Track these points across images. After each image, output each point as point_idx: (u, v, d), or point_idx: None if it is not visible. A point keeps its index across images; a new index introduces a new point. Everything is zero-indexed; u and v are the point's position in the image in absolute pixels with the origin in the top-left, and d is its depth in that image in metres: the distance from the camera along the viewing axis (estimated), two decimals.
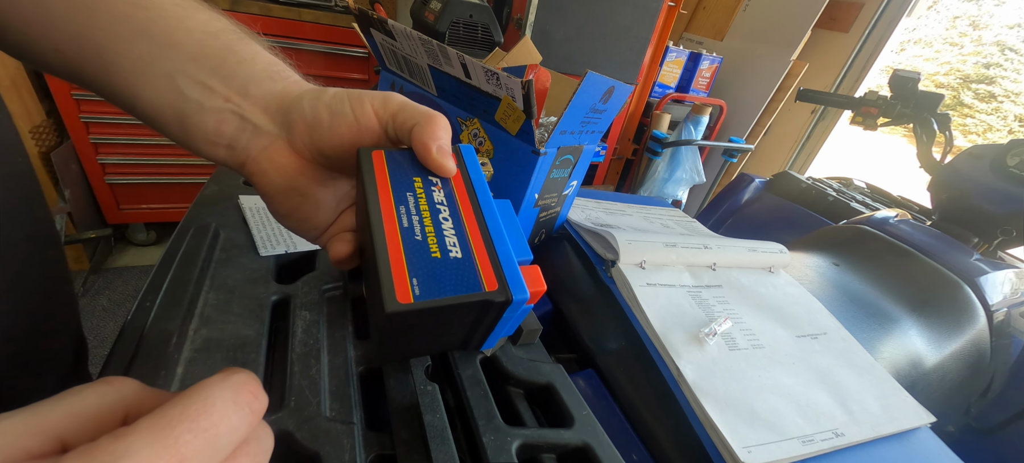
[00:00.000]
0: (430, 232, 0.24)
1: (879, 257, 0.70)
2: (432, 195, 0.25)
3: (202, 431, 0.13)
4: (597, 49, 1.68)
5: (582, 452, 0.30)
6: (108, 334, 1.33)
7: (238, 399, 0.14)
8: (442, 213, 0.25)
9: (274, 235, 0.42)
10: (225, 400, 0.13)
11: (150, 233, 1.68)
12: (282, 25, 1.40)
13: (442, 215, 0.25)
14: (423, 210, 0.25)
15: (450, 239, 0.24)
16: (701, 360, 0.37)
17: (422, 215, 0.24)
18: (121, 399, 0.14)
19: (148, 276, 0.35)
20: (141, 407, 0.15)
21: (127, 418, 0.14)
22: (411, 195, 0.25)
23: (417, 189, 0.25)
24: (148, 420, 0.12)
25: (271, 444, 0.16)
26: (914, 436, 0.39)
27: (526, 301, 0.23)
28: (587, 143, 0.48)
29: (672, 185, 2.02)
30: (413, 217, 0.24)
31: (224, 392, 0.14)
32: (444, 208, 0.25)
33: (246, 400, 0.14)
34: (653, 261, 0.46)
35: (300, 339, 0.32)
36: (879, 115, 0.96)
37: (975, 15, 7.96)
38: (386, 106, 0.26)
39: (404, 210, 0.24)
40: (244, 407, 0.14)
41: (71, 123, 1.32)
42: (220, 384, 0.14)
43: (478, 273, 0.23)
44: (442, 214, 0.25)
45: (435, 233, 0.24)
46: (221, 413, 0.13)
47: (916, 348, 0.57)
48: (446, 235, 0.24)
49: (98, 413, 0.14)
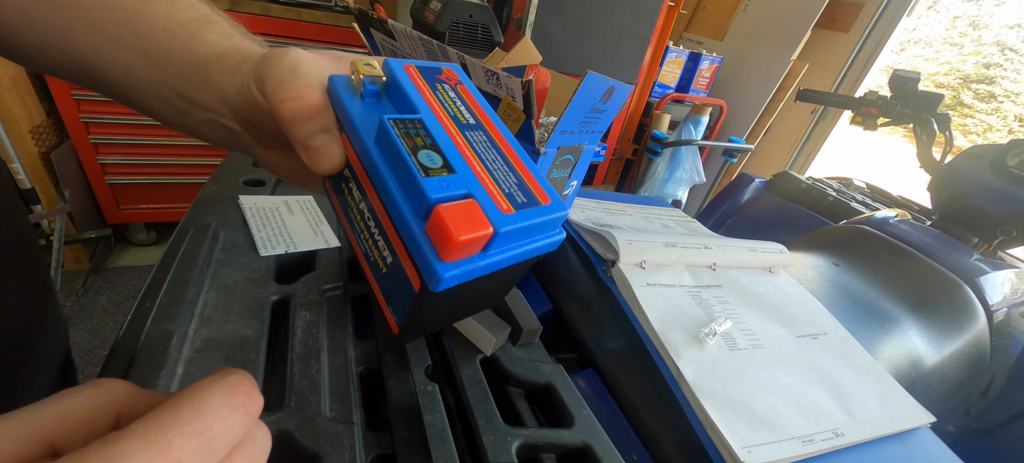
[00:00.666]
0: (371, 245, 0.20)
1: (879, 257, 0.70)
2: (354, 195, 0.21)
3: (196, 434, 0.12)
4: (597, 49, 1.68)
5: (582, 452, 0.30)
6: (108, 334, 1.33)
7: (232, 401, 0.13)
8: (364, 213, 0.20)
9: (274, 235, 0.42)
10: (219, 402, 0.13)
11: (150, 233, 1.68)
12: (282, 25, 1.40)
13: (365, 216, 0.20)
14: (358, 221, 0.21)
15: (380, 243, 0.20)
16: (701, 360, 0.37)
17: (361, 229, 0.21)
18: (112, 401, 0.14)
19: (148, 276, 0.35)
20: (133, 410, 0.14)
21: (119, 421, 0.14)
22: (350, 209, 0.21)
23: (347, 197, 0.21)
24: (140, 424, 0.12)
25: (268, 444, 0.16)
26: (914, 436, 0.39)
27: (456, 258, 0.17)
28: (587, 143, 0.48)
29: (672, 185, 2.02)
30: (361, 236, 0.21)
31: (218, 394, 0.13)
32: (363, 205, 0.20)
33: (240, 401, 0.14)
34: (653, 261, 0.46)
35: (300, 339, 0.32)
36: (879, 115, 0.96)
37: (975, 15, 7.96)
38: (259, 82, 0.21)
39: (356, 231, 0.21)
40: (239, 409, 0.14)
41: (71, 123, 1.32)
42: (214, 386, 0.13)
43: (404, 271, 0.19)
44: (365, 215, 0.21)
45: (373, 244, 0.20)
46: (215, 415, 0.13)
47: (916, 348, 0.57)
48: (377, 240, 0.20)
49: (89, 416, 0.14)
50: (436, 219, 0.16)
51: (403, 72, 0.21)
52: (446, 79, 0.22)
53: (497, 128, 0.22)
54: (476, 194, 0.18)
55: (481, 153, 0.20)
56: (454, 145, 0.19)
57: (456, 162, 0.18)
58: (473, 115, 0.21)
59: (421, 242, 0.17)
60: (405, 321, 0.20)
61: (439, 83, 0.22)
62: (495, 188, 0.19)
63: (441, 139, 0.19)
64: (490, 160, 0.20)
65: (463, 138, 0.20)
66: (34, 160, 1.27)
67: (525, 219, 0.18)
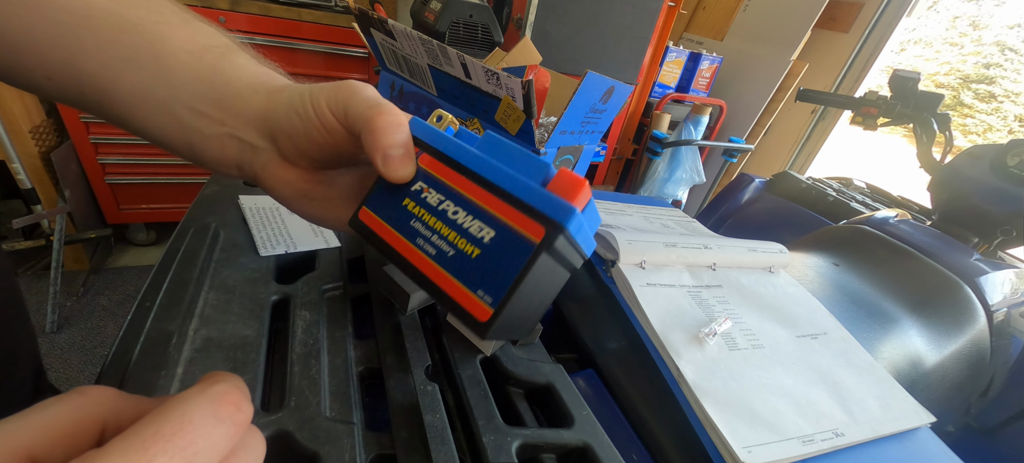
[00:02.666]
0: (454, 237, 0.22)
1: (879, 257, 0.70)
2: (427, 202, 0.24)
3: (179, 451, 0.12)
4: (597, 49, 1.68)
5: (582, 452, 0.30)
6: (108, 334, 1.33)
7: (218, 412, 0.13)
8: (448, 210, 0.23)
9: (274, 235, 0.42)
10: (204, 414, 0.13)
11: (150, 233, 1.68)
12: (282, 25, 1.40)
13: (450, 212, 0.23)
14: (432, 224, 0.23)
15: (473, 227, 0.22)
16: (701, 360, 0.37)
17: (436, 229, 0.23)
18: (97, 410, 0.14)
19: (148, 276, 0.35)
20: (119, 418, 0.14)
21: (104, 431, 0.14)
22: (413, 220, 0.24)
23: (412, 209, 0.24)
24: (120, 441, 0.11)
25: (262, 451, 0.15)
26: (914, 436, 0.39)
27: (579, 209, 0.20)
28: (587, 143, 0.48)
29: (672, 185, 2.02)
30: (432, 238, 0.23)
31: (203, 405, 0.13)
32: (446, 204, 0.23)
33: (227, 412, 0.13)
34: (653, 261, 0.46)
35: (300, 339, 0.32)
36: (879, 115, 0.96)
37: (975, 15, 7.96)
38: (337, 102, 0.24)
39: (420, 240, 0.23)
40: (225, 420, 0.13)
41: (71, 123, 1.32)
42: (198, 397, 0.13)
43: (519, 232, 0.21)
44: (449, 211, 0.23)
45: (459, 234, 0.22)
46: (199, 429, 0.12)
47: (916, 348, 0.57)
48: (467, 226, 0.22)
49: (73, 427, 0.13)
50: (562, 177, 0.20)
51: (463, 127, 0.26)
52: None
53: None
54: None
55: None
56: None
57: None
58: None
59: (550, 196, 0.20)
60: (507, 292, 0.20)
61: None
62: None
63: None
64: None
65: None
66: (34, 160, 1.27)
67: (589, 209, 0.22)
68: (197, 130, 0.25)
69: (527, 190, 0.21)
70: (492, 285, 0.20)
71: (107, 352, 0.29)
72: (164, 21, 0.25)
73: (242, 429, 0.14)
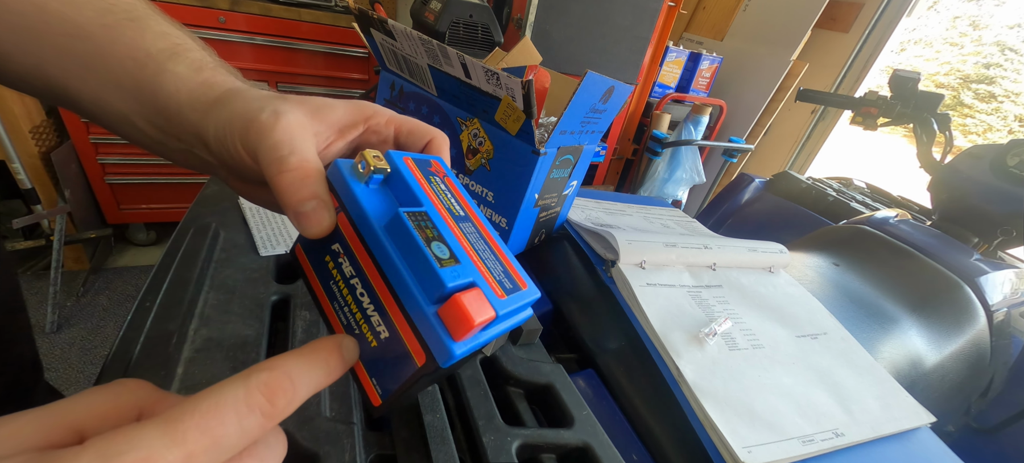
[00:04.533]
0: (360, 319, 0.21)
1: (879, 257, 0.70)
2: (343, 269, 0.22)
3: (209, 430, 0.13)
4: (597, 49, 1.68)
5: (582, 452, 0.30)
6: (108, 334, 1.33)
7: (251, 400, 0.14)
8: (356, 288, 0.21)
9: (274, 235, 0.42)
10: (238, 401, 0.14)
11: (150, 233, 1.68)
12: (282, 25, 1.40)
13: (358, 292, 0.21)
14: (345, 294, 0.22)
15: (374, 319, 0.21)
16: (701, 360, 0.37)
17: (347, 302, 0.21)
18: (135, 399, 0.15)
19: (148, 276, 0.35)
20: (154, 408, 0.16)
21: (141, 417, 0.15)
22: (331, 281, 0.22)
23: (330, 269, 0.22)
24: (160, 416, 0.13)
25: (282, 451, 0.16)
26: (914, 436, 0.39)
27: (457, 350, 0.19)
28: (587, 143, 0.48)
29: (672, 185, 2.02)
30: (343, 308, 0.22)
31: (238, 392, 0.14)
32: (356, 280, 0.21)
33: (259, 403, 0.14)
34: (653, 261, 0.46)
35: (300, 339, 0.32)
36: (879, 115, 0.96)
37: (975, 15, 7.96)
38: (247, 145, 0.21)
39: (336, 304, 0.22)
40: (255, 410, 0.14)
41: (71, 123, 1.32)
42: (238, 385, 0.14)
43: (405, 347, 0.20)
44: (358, 290, 0.21)
45: (363, 319, 0.21)
46: (232, 415, 0.14)
47: (916, 348, 0.57)
48: (370, 315, 0.21)
49: (115, 410, 0.15)
50: (454, 306, 0.18)
51: (404, 165, 0.23)
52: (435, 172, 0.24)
53: (478, 218, 0.24)
54: (478, 283, 0.20)
55: (474, 244, 0.22)
56: (454, 237, 0.21)
57: (459, 254, 0.20)
58: (461, 208, 0.24)
59: (434, 324, 0.19)
60: (392, 393, 0.21)
61: (431, 175, 0.24)
62: (490, 276, 0.21)
63: (445, 232, 0.21)
64: (481, 250, 0.22)
65: (459, 230, 0.22)
66: (34, 160, 1.27)
67: (514, 302, 0.21)
68: (161, 143, 0.24)
69: (416, 309, 0.19)
70: (383, 380, 0.21)
71: (107, 352, 0.29)
72: (112, 22, 0.23)
73: (272, 421, 0.15)
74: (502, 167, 0.43)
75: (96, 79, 0.23)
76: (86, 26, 0.22)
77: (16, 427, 0.13)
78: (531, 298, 0.22)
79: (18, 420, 0.14)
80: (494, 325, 0.20)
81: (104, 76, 0.23)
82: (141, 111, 0.23)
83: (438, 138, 0.25)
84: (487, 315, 0.19)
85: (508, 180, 0.43)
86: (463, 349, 0.19)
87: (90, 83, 0.23)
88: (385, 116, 0.24)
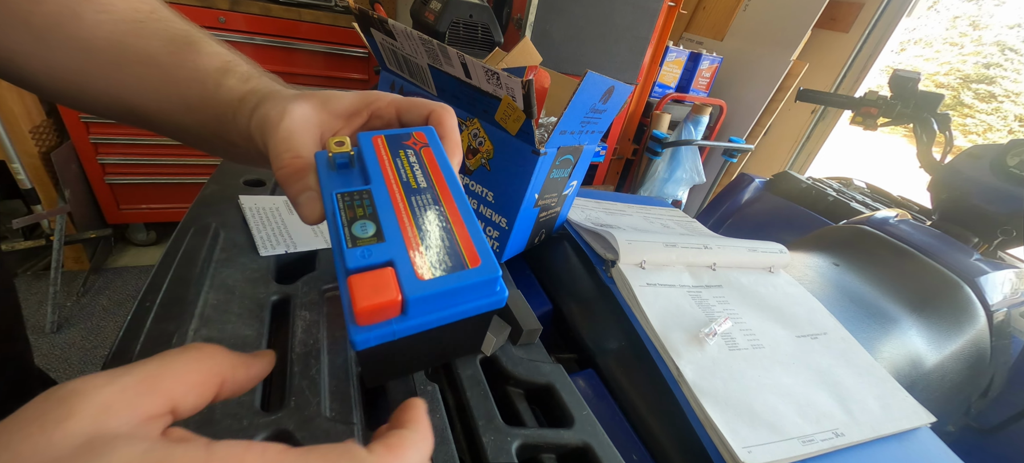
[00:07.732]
0: None
1: (879, 257, 0.70)
2: None
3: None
4: (597, 49, 1.68)
5: (582, 452, 0.30)
6: (108, 334, 1.33)
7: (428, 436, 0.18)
8: None
9: (274, 235, 0.42)
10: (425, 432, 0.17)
11: (150, 233, 1.68)
12: (282, 25, 1.40)
13: None
14: None
15: None
16: (701, 360, 0.37)
17: None
18: (216, 368, 0.16)
19: (148, 276, 0.35)
20: (235, 376, 0.16)
21: (222, 386, 0.16)
22: None
23: None
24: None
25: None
26: (914, 436, 0.39)
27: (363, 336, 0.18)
28: (587, 143, 0.48)
29: (672, 185, 2.02)
30: None
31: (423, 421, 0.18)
32: None
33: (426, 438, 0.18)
34: (653, 261, 0.46)
35: (300, 339, 0.32)
36: (879, 115, 0.96)
37: (975, 15, 7.96)
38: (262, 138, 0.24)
39: None
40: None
41: (71, 123, 1.32)
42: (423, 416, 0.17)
43: None
44: None
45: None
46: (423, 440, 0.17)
47: (916, 348, 0.57)
48: None
49: (202, 379, 0.15)
50: (347, 287, 0.18)
51: (370, 145, 0.23)
52: (413, 143, 0.24)
53: (450, 189, 0.23)
54: (398, 261, 0.19)
55: (419, 218, 0.21)
56: (394, 213, 0.21)
57: (389, 230, 0.20)
58: (428, 178, 0.23)
59: (346, 305, 0.18)
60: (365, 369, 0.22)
61: (404, 149, 0.24)
62: (422, 254, 0.20)
63: (383, 208, 0.21)
64: (427, 224, 0.21)
65: (407, 204, 0.21)
66: (34, 160, 1.27)
67: (444, 285, 0.19)
68: (225, 151, 0.29)
69: (343, 289, 0.19)
70: None
71: (107, 352, 0.29)
72: (175, 49, 0.26)
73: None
74: (502, 167, 0.43)
75: (167, 101, 0.27)
76: (156, 55, 0.26)
77: (118, 389, 0.13)
78: (482, 276, 0.20)
79: (114, 384, 0.13)
80: (417, 309, 0.19)
81: (174, 98, 0.27)
82: (206, 123, 0.27)
83: (438, 109, 0.26)
84: (385, 298, 0.18)
85: (508, 180, 0.43)
86: (367, 335, 0.18)
87: (163, 105, 0.27)
88: (387, 99, 0.26)
